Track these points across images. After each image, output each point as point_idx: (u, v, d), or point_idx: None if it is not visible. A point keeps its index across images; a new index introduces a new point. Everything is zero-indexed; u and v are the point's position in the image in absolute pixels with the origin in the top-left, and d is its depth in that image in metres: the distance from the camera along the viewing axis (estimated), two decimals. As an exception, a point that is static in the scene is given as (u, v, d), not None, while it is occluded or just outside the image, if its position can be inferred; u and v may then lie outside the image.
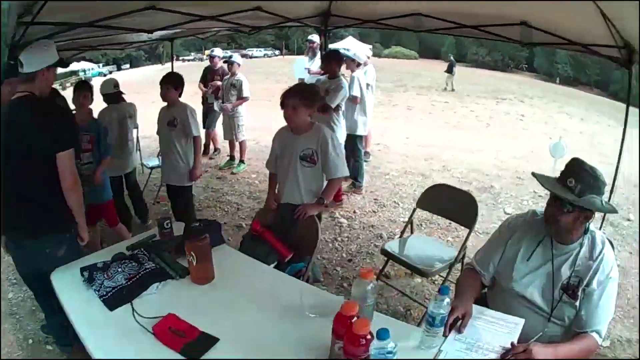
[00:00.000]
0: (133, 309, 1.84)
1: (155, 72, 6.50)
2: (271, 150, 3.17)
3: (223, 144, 7.58)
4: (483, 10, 3.36)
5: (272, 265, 2.60)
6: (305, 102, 2.80)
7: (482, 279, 2.05)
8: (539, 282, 1.88)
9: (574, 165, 1.80)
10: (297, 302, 1.83)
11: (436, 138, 9.18)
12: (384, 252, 3.20)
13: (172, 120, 3.96)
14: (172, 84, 3.90)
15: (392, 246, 3.23)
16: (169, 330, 1.69)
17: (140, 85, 16.19)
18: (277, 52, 53.08)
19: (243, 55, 46.28)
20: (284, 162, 3.04)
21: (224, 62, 6.93)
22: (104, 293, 1.96)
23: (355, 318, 1.46)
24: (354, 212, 5.29)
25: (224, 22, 4.53)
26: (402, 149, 8.02)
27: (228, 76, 6.61)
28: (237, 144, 6.92)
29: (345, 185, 5.93)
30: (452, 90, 18.57)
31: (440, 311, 1.58)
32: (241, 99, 6.51)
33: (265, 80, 19.79)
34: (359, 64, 5.80)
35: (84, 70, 37.69)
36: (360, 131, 5.72)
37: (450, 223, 4.70)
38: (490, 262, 2.03)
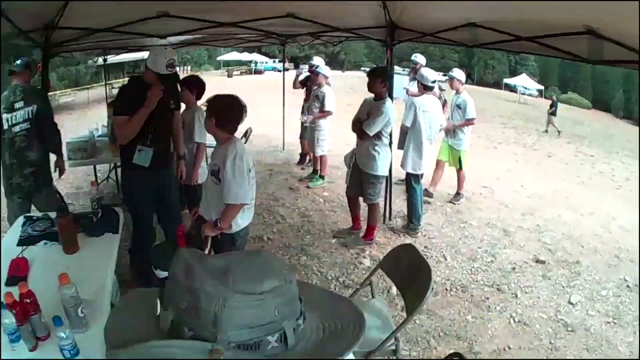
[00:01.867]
0: (22, 250, 2.39)
1: (332, 78, 6.36)
2: None
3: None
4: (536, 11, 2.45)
5: (164, 274, 2.50)
6: (207, 110, 2.51)
7: None
8: None
9: None
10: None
11: (553, 191, 7.37)
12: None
13: (183, 122, 3.77)
14: (186, 85, 3.80)
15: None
16: (16, 264, 2.20)
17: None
18: (456, 80, 51.11)
19: None
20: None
21: (309, 71, 6.46)
22: (23, 235, 2.58)
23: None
24: None
25: (248, 29, 4.19)
26: (506, 197, 6.55)
27: (316, 87, 6.20)
28: (318, 158, 6.51)
29: (402, 224, 5.07)
30: (558, 132, 15.91)
31: None
32: (323, 112, 6.06)
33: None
34: (426, 87, 4.72)
35: (256, 62, 40.13)
36: (408, 168, 4.73)
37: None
38: None
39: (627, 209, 6.65)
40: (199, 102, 3.90)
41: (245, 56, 38.13)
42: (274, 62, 39.42)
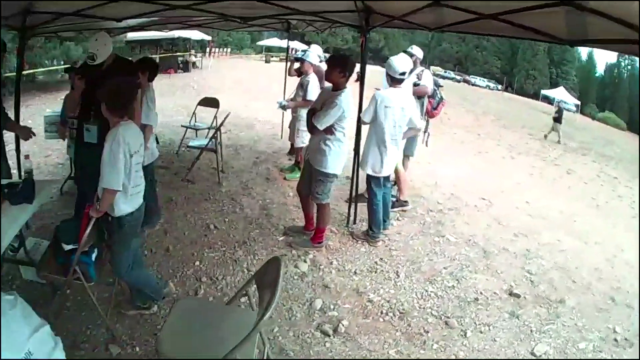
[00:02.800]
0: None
1: (374, 73, 5.94)
2: None
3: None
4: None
5: (68, 247, 2.53)
6: (98, 95, 2.46)
7: None
8: None
9: None
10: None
11: (561, 212, 6.41)
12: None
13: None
14: (140, 67, 3.66)
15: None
16: None
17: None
18: (499, 86, 49.38)
19: (465, 81, 45.54)
20: None
21: (295, 58, 5.85)
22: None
23: None
24: (331, 263, 3.73)
25: (203, 11, 3.80)
26: (503, 213, 5.68)
27: (303, 75, 5.57)
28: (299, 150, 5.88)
29: (362, 229, 4.36)
30: (558, 142, 14.90)
31: None
32: (305, 101, 5.42)
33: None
34: (394, 80, 3.86)
35: (295, 50, 39.51)
36: (367, 169, 3.99)
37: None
38: None
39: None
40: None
41: (285, 43, 37.60)
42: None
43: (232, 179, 5.60)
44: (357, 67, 4.17)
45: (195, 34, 21.51)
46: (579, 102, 37.29)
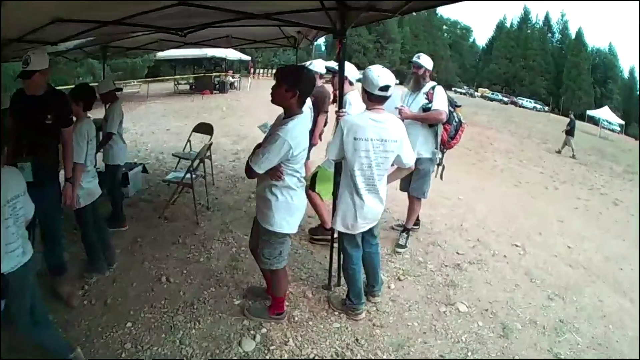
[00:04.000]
0: None
1: None
2: None
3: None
4: None
5: None
6: None
7: None
8: None
9: None
10: None
11: (604, 259, 5.04)
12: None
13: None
14: (73, 97, 3.29)
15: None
16: None
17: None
18: (546, 107, 46.90)
19: (512, 102, 43.35)
20: None
21: None
22: None
23: None
24: (286, 342, 2.73)
25: (137, 26, 3.32)
26: (538, 265, 4.39)
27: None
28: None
29: (343, 295, 3.33)
30: (572, 156, 14.02)
31: None
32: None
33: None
34: (372, 97, 2.72)
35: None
36: (337, 224, 2.90)
37: None
38: None
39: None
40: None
41: (332, 64, 37.05)
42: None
43: (214, 218, 4.79)
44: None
45: (231, 53, 20.96)
46: (623, 122, 34.49)
